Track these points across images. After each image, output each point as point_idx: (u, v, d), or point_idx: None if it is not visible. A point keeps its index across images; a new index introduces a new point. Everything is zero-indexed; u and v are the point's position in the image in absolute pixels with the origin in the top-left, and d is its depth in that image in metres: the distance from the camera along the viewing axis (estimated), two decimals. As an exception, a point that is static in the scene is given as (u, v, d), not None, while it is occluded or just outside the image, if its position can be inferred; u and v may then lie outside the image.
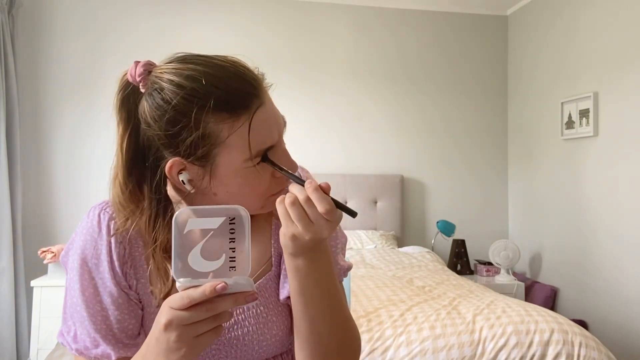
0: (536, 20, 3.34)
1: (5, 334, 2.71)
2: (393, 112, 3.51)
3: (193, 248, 0.54)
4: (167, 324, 0.54)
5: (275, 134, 0.68)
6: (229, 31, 3.28)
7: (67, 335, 0.72)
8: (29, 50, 3.06)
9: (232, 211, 0.56)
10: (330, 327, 0.71)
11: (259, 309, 0.75)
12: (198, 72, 0.63)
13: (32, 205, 3.03)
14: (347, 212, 0.61)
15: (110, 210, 0.73)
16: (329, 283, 0.70)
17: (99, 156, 3.08)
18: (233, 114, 0.63)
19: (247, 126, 0.64)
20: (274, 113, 0.68)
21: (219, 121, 0.63)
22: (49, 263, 2.57)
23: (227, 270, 0.54)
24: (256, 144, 0.65)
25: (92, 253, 0.71)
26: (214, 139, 0.63)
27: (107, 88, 3.11)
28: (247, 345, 0.74)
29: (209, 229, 0.55)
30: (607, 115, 2.72)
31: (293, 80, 3.36)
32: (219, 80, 0.63)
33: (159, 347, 0.56)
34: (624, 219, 2.60)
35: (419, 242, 3.50)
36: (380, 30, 3.51)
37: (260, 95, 0.66)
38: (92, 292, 0.70)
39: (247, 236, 0.56)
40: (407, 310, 1.81)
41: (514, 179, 3.60)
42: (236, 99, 0.63)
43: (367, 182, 3.36)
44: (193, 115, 0.62)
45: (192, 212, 0.55)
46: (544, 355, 1.63)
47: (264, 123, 0.66)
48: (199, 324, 0.55)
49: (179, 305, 0.54)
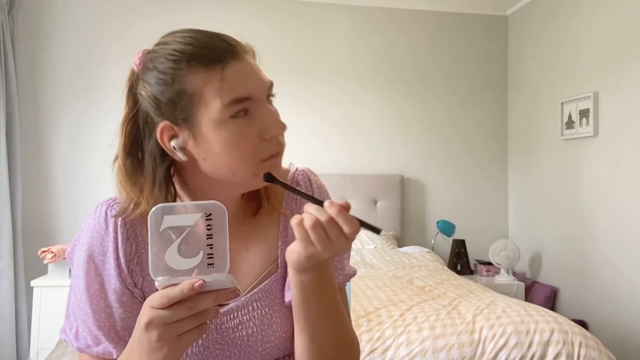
0: (536, 20, 3.34)
1: (5, 334, 2.71)
2: (393, 112, 3.51)
3: (170, 246, 0.54)
4: (148, 323, 0.54)
5: (254, 87, 0.67)
6: (228, 31, 3.27)
7: (69, 332, 0.72)
8: (29, 50, 3.06)
9: (208, 207, 0.55)
10: (331, 338, 0.71)
11: (263, 310, 0.75)
12: (178, 35, 0.67)
13: (32, 205, 3.03)
14: (372, 230, 0.58)
15: (117, 206, 0.72)
16: (332, 295, 0.70)
17: (99, 156, 3.08)
18: (207, 66, 0.64)
19: (220, 77, 0.64)
20: (254, 70, 0.68)
21: (194, 75, 0.64)
22: (49, 263, 2.57)
23: (206, 267, 0.53)
24: (229, 91, 0.64)
25: (99, 249, 0.70)
26: (191, 94, 0.64)
27: (106, 88, 3.11)
28: (251, 346, 0.74)
29: (185, 225, 0.54)
30: (607, 115, 2.72)
31: (292, 80, 3.36)
32: (196, 39, 0.66)
33: (141, 347, 0.56)
34: (624, 219, 2.60)
35: (419, 242, 3.50)
36: (380, 30, 3.50)
37: (238, 52, 0.67)
38: (97, 289, 0.70)
39: (224, 232, 0.54)
40: (407, 310, 1.81)
41: (514, 179, 3.60)
42: (210, 52, 0.64)
43: (367, 182, 3.36)
44: (170, 72, 0.64)
45: (168, 209, 0.54)
46: (544, 355, 1.63)
47: (239, 73, 0.65)
48: (181, 322, 0.54)
49: (158, 304, 0.53)
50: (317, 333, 0.70)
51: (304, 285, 0.66)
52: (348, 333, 0.75)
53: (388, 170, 3.49)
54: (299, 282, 0.66)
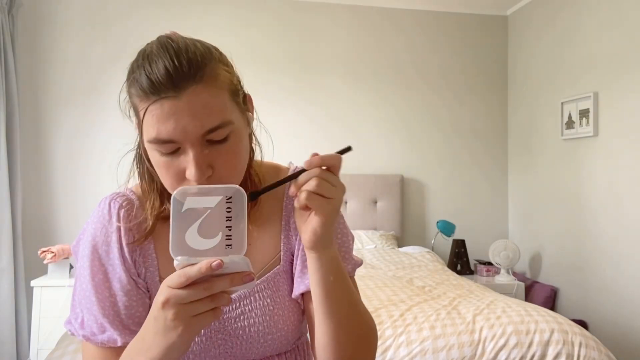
0: (536, 20, 3.34)
1: (5, 334, 2.71)
2: (393, 112, 3.51)
3: (190, 226, 0.55)
4: (165, 302, 0.55)
5: (174, 133, 0.61)
6: (229, 31, 3.28)
7: (74, 322, 0.73)
8: (29, 50, 3.06)
9: (229, 190, 0.56)
10: (354, 321, 0.72)
11: (265, 301, 0.76)
12: (148, 47, 0.65)
13: (32, 205, 3.03)
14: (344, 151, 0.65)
15: (120, 199, 0.75)
16: (347, 277, 0.72)
17: (99, 156, 3.08)
18: (142, 93, 0.62)
19: (147, 110, 0.62)
20: (184, 113, 0.61)
21: (136, 96, 0.64)
22: (49, 263, 2.57)
23: (224, 248, 0.55)
24: (149, 128, 0.63)
25: (103, 240, 0.72)
26: (136, 109, 0.66)
27: (107, 88, 3.11)
28: (253, 337, 0.75)
29: (206, 207, 0.55)
30: (607, 115, 2.72)
31: (292, 80, 3.36)
32: (147, 55, 0.63)
33: (157, 326, 0.57)
34: (623, 219, 2.60)
35: (419, 242, 3.50)
36: (380, 30, 3.51)
37: (178, 87, 0.61)
38: (102, 278, 0.72)
39: (243, 215, 0.56)
40: (407, 310, 1.81)
41: (514, 178, 3.60)
42: (147, 83, 0.61)
43: (367, 182, 3.36)
44: (127, 86, 0.66)
45: (190, 190, 0.56)
46: (544, 355, 1.63)
47: (163, 115, 0.61)
48: (196, 303, 0.55)
49: (176, 283, 0.54)
50: (342, 317, 0.71)
51: (324, 266, 0.67)
52: (366, 315, 0.76)
53: (388, 170, 3.49)
54: (319, 266, 0.67)
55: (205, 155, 0.63)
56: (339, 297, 0.70)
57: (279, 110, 3.30)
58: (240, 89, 0.70)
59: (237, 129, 0.66)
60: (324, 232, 0.63)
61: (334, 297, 0.69)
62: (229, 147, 0.65)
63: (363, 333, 0.73)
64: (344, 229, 0.82)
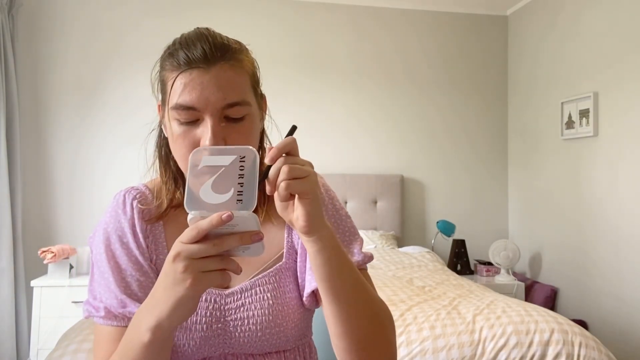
0: (536, 20, 3.34)
1: (5, 334, 2.71)
2: (393, 112, 3.51)
3: (205, 182, 0.58)
4: (176, 255, 0.57)
5: (197, 100, 0.69)
6: (229, 32, 3.28)
7: (93, 301, 0.75)
8: (29, 50, 3.06)
9: (242, 151, 0.60)
10: (362, 305, 0.72)
11: (266, 295, 0.78)
12: (185, 34, 0.74)
13: (32, 205, 3.03)
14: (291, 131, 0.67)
15: (134, 192, 0.81)
16: (349, 261, 0.72)
17: (99, 156, 3.08)
18: (173, 65, 0.71)
19: (175, 79, 0.70)
20: (209, 84, 0.69)
21: (167, 68, 0.72)
22: (49, 263, 2.57)
23: (235, 203, 0.57)
24: (174, 95, 0.70)
25: (117, 226, 0.78)
26: (164, 83, 0.73)
27: (107, 88, 3.11)
28: (251, 330, 0.76)
29: (220, 165, 0.59)
30: (607, 115, 2.72)
31: (293, 80, 3.36)
32: (185, 39, 0.72)
33: (166, 280, 0.59)
34: (624, 219, 2.60)
35: (419, 242, 3.50)
36: (380, 31, 3.51)
37: (209, 61, 0.69)
38: (118, 262, 0.76)
39: (255, 173, 0.59)
40: (407, 310, 1.81)
41: (514, 179, 3.60)
42: (181, 55, 0.70)
43: (367, 182, 3.36)
44: (161, 59, 0.74)
45: (207, 151, 0.61)
46: (544, 355, 1.63)
47: (190, 83, 0.69)
48: (206, 260, 0.57)
49: (187, 237, 0.56)
50: (350, 298, 0.70)
51: (325, 247, 0.67)
52: (375, 296, 0.75)
53: (388, 170, 3.49)
54: (321, 247, 0.67)
55: (221, 128, 0.70)
56: (344, 275, 0.70)
57: (278, 110, 3.29)
58: (259, 86, 0.79)
59: (253, 114, 0.73)
60: (314, 209, 0.64)
61: (339, 277, 0.69)
62: (243, 127, 0.72)
63: (373, 313, 0.73)
64: (351, 227, 0.85)
